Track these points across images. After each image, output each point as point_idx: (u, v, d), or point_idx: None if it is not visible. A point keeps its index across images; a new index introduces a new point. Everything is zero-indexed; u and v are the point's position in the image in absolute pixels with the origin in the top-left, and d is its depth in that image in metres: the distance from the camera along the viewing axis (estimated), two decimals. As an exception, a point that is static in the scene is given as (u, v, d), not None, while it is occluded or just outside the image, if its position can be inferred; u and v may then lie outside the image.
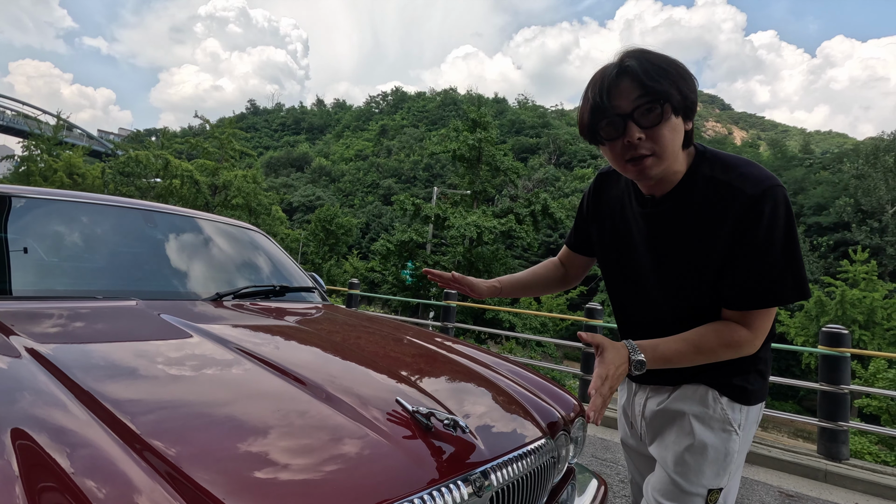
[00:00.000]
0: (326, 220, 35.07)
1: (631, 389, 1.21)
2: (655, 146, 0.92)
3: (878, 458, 5.10)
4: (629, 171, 0.98)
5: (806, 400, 23.55)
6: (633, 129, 0.91)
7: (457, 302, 6.75)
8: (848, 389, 3.73)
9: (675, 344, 0.99)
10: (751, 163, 0.98)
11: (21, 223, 1.63)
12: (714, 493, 1.03)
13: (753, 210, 0.92)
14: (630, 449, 1.28)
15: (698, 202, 0.98)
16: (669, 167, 0.97)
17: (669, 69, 0.91)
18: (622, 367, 0.94)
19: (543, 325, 19.35)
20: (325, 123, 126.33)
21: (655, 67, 0.90)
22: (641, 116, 0.91)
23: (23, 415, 0.78)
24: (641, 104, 0.90)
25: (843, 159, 39.57)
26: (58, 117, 28.37)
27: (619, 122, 0.93)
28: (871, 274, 21.95)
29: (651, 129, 0.91)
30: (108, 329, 1.30)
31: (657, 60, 0.91)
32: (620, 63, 0.92)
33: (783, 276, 0.93)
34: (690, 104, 0.93)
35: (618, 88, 0.91)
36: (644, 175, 0.96)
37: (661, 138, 0.91)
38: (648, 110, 0.90)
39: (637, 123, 0.91)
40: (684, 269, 1.02)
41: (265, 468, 0.74)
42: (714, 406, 1.04)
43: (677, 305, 1.05)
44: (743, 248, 0.94)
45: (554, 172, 62.55)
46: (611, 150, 0.97)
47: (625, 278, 1.15)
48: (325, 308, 2.06)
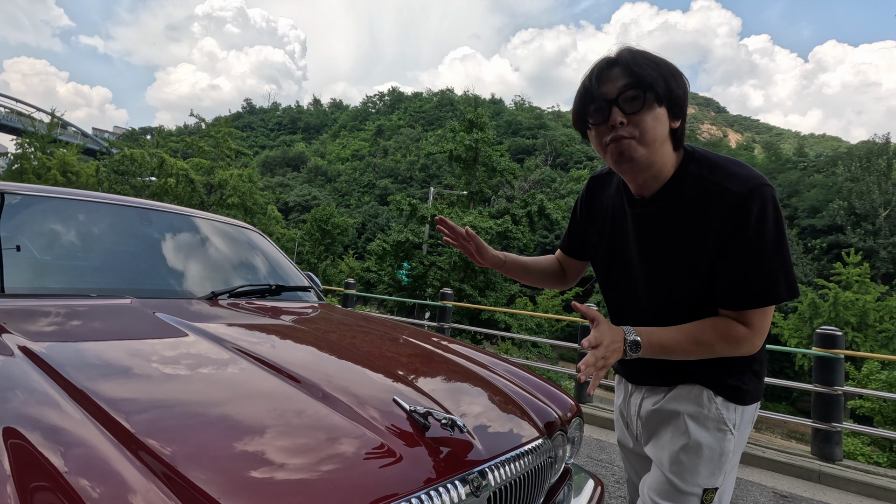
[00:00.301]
0: (322, 219, 34.98)
1: (627, 390, 1.22)
2: (636, 130, 0.95)
3: (871, 459, 5.13)
4: (611, 154, 0.99)
5: (799, 401, 23.70)
6: (616, 114, 0.95)
7: (453, 302, 6.74)
8: (841, 391, 3.75)
9: (672, 332, 0.99)
10: (739, 163, 0.99)
11: (14, 220, 1.61)
12: (709, 492, 1.04)
13: (741, 209, 0.93)
14: (626, 450, 1.29)
15: (686, 201, 0.99)
16: (653, 160, 0.98)
17: (659, 63, 0.95)
18: (617, 343, 0.95)
19: (539, 325, 19.38)
20: (321, 123, 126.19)
21: (645, 59, 0.95)
22: (625, 102, 0.94)
23: (15, 414, 0.77)
24: (626, 90, 0.94)
25: (837, 162, 39.88)
26: (52, 115, 28.14)
27: (604, 106, 0.96)
28: (864, 276, 22.11)
29: (634, 115, 0.94)
30: (103, 327, 1.29)
31: (648, 54, 0.96)
32: (613, 54, 0.97)
33: (775, 275, 0.93)
34: (676, 99, 0.96)
35: (607, 76, 0.96)
36: (623, 157, 0.97)
37: (643, 123, 0.94)
38: (633, 98, 0.94)
39: (621, 109, 0.94)
40: (673, 267, 1.02)
41: (261, 468, 0.74)
42: (709, 406, 1.04)
43: (668, 305, 1.05)
44: (734, 248, 0.94)
45: (550, 173, 62.69)
46: (596, 134, 1.00)
47: (618, 280, 1.16)
48: (322, 307, 2.05)
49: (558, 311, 21.32)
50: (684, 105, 0.98)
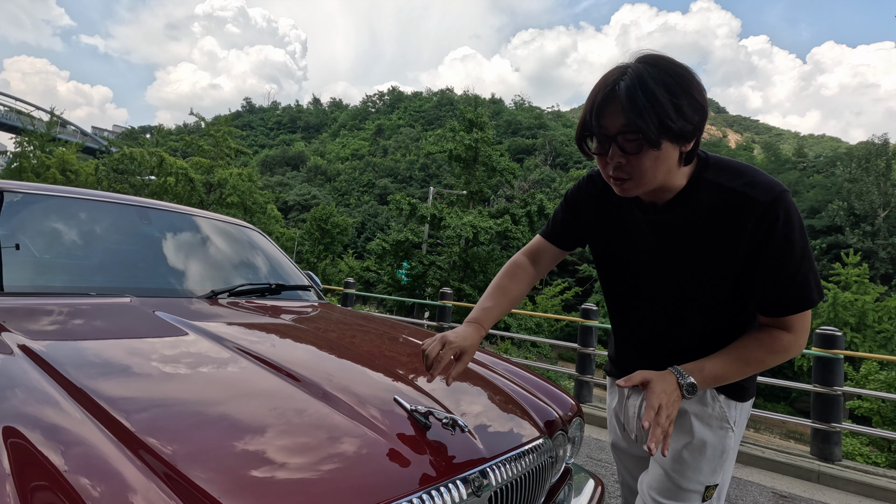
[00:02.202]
0: (322, 219, 34.93)
1: (623, 393, 1.21)
2: (633, 172, 0.93)
3: (870, 459, 5.13)
4: (613, 186, 0.99)
5: (798, 401, 23.70)
6: (616, 153, 0.93)
7: (452, 302, 6.74)
8: (841, 391, 3.75)
9: (721, 361, 0.98)
10: (756, 170, 0.98)
11: (13, 218, 1.61)
12: (710, 489, 1.06)
13: (767, 217, 0.92)
14: (621, 451, 1.29)
15: (706, 209, 0.97)
16: (657, 186, 0.96)
17: (662, 99, 0.86)
18: (674, 394, 0.95)
19: (538, 325, 19.37)
20: (321, 122, 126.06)
21: (646, 95, 0.86)
22: (625, 142, 0.91)
23: (14, 412, 0.76)
24: (625, 131, 0.89)
25: (837, 163, 39.85)
26: (51, 114, 28.08)
27: (605, 141, 0.94)
28: (863, 277, 22.12)
29: (632, 156, 0.91)
30: (102, 326, 1.29)
31: (653, 86, 0.86)
32: (616, 81, 0.90)
33: (808, 279, 0.94)
34: (681, 131, 0.89)
35: (606, 110, 0.91)
36: (625, 195, 0.98)
37: (639, 167, 0.92)
38: (630, 140, 0.90)
39: (620, 148, 0.92)
40: (696, 276, 1.01)
41: (261, 467, 0.73)
42: (713, 404, 1.06)
43: (684, 311, 1.05)
44: (766, 257, 0.94)
45: (550, 173, 62.71)
46: (599, 161, 0.99)
47: (627, 284, 1.14)
48: (322, 306, 2.05)
49: (557, 312, 21.30)
50: (696, 130, 0.91)
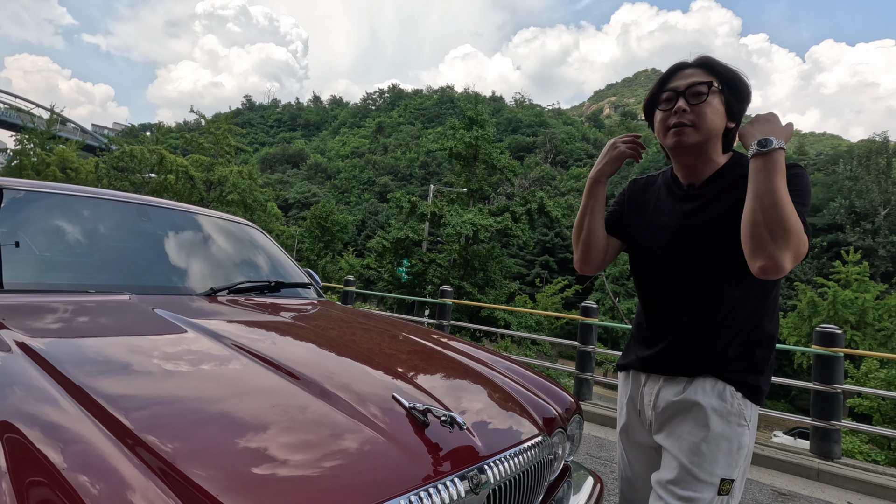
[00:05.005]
0: (322, 216, 34.92)
1: (640, 382, 1.23)
2: (696, 118, 1.11)
3: (870, 457, 5.14)
4: (670, 139, 1.14)
5: (798, 399, 23.73)
6: (682, 103, 1.13)
7: (452, 300, 6.74)
8: (841, 389, 3.75)
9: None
10: None
11: (13, 216, 1.61)
12: (726, 482, 1.08)
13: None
14: (628, 440, 1.30)
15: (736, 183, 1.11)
16: (705, 148, 1.13)
17: (727, 72, 1.14)
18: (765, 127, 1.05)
19: (538, 323, 19.36)
20: (321, 120, 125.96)
21: (718, 64, 1.14)
22: (691, 95, 1.12)
23: (12, 410, 0.76)
24: (694, 84, 1.12)
25: (838, 161, 39.76)
26: (51, 111, 28.06)
27: (673, 97, 1.15)
28: (864, 275, 22.08)
29: (696, 106, 1.11)
30: (101, 323, 1.29)
31: (721, 62, 1.14)
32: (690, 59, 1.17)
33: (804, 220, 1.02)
34: (734, 103, 1.14)
35: (682, 72, 1.16)
36: (681, 142, 1.13)
37: (702, 114, 1.11)
38: (697, 92, 1.12)
39: (686, 99, 1.12)
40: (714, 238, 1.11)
41: (260, 465, 0.73)
42: (731, 401, 1.10)
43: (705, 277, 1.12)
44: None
45: (550, 171, 62.67)
46: (661, 118, 1.17)
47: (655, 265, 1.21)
48: (321, 304, 2.05)
49: (558, 309, 21.30)
50: (741, 111, 1.15)
